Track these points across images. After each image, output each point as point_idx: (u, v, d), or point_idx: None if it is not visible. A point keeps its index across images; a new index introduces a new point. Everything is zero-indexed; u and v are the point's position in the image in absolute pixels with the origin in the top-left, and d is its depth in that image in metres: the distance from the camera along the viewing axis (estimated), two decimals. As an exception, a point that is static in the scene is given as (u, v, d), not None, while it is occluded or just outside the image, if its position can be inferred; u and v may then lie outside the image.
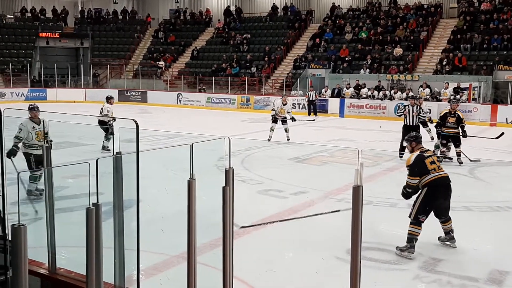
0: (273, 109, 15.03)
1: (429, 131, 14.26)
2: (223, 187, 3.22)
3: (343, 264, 5.23)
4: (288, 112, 14.81)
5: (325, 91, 24.23)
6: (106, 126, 12.43)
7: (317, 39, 28.55)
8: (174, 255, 5.74)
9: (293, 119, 14.76)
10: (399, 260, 5.75)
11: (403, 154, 11.72)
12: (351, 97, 23.42)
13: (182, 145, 2.97)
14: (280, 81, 27.07)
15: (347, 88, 23.77)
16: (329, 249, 5.96)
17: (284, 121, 14.65)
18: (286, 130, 14.54)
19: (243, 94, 26.63)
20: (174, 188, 7.60)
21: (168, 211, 7.00)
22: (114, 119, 12.06)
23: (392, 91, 22.59)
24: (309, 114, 23.21)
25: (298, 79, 25.95)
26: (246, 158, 11.69)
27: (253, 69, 28.64)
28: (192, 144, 3.00)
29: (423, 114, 12.58)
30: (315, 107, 23.33)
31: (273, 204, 8.10)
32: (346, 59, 26.18)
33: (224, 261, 3.25)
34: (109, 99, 13.05)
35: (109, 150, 11.70)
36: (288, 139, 14.40)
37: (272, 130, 14.51)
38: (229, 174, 3.22)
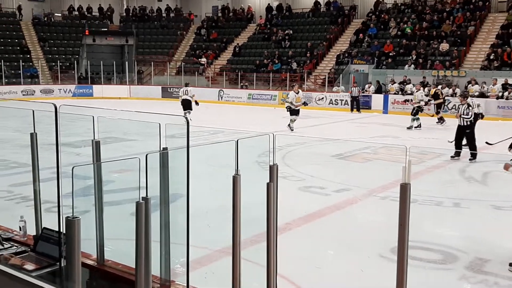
0: (287, 101, 16.59)
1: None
2: (267, 183, 3.22)
3: (388, 263, 5.16)
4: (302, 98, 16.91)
5: (369, 87, 23.88)
6: (189, 105, 18.25)
7: (361, 35, 28.19)
8: (217, 249, 5.80)
9: (305, 103, 16.98)
10: (445, 259, 5.63)
11: (457, 156, 11.21)
12: (395, 93, 23.01)
13: (228, 141, 3.00)
14: (322, 77, 26.87)
15: (392, 84, 23.38)
16: (372, 247, 5.89)
17: (297, 112, 16.36)
18: (293, 121, 16.25)
19: (284, 90, 26.58)
20: (217, 183, 7.67)
21: (210, 206, 7.07)
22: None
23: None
24: (351, 110, 22.96)
25: (341, 75, 25.71)
26: (287, 154, 11.67)
27: (294, 65, 28.49)
28: (237, 141, 3.02)
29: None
30: (358, 103, 23.03)
31: (315, 201, 8.07)
32: (390, 54, 25.74)
33: (268, 258, 3.25)
34: (188, 84, 19.49)
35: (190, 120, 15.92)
36: (292, 129, 16.09)
37: (293, 121, 16.22)
38: (273, 170, 3.23)
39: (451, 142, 11.88)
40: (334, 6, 32.17)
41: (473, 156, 11.21)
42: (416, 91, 18.11)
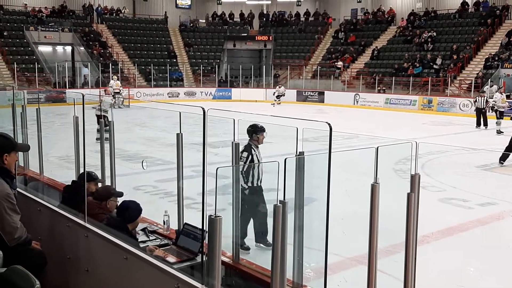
0: (494, 101, 17.22)
1: None
2: (408, 194, 3.06)
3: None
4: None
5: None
6: None
7: (513, 36, 26.00)
8: (349, 257, 5.69)
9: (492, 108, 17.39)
10: None
11: None
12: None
13: (367, 147, 2.91)
14: (468, 82, 25.21)
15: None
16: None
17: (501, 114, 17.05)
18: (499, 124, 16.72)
19: (425, 95, 25.39)
20: (352, 189, 7.54)
21: (345, 213, 6.95)
22: None
23: None
24: (478, 125, 18.34)
25: (489, 79, 23.88)
26: (427, 163, 11.12)
27: (438, 61, 26.89)
28: (377, 148, 2.91)
29: None
30: (486, 117, 18.20)
31: (456, 214, 7.60)
32: (547, 57, 23.37)
33: (406, 271, 3.09)
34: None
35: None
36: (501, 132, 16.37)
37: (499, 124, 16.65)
38: (415, 180, 3.06)
39: None
40: (483, 6, 30.02)
41: None
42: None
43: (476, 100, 18.55)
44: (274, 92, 28.17)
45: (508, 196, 8.63)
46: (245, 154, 5.69)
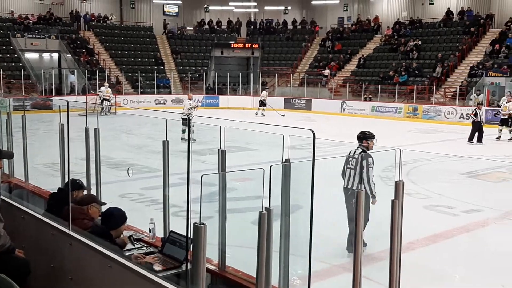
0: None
1: None
2: (392, 201, 3.09)
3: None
4: None
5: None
6: None
7: (497, 45, 26.34)
8: (335, 264, 5.70)
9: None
10: None
11: None
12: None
13: (354, 156, 2.92)
14: (453, 90, 25.49)
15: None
16: (505, 275, 5.40)
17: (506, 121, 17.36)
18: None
19: (410, 103, 25.62)
20: (337, 196, 7.55)
21: (330, 219, 6.96)
22: None
23: None
24: (471, 139, 16.34)
25: (474, 87, 24.17)
26: (412, 170, 11.19)
27: (438, 69, 27.18)
28: (362, 155, 2.93)
29: None
30: (482, 132, 16.35)
31: (441, 221, 7.64)
32: (531, 66, 23.70)
33: (391, 278, 3.11)
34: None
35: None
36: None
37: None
38: (399, 187, 3.08)
39: None
40: (468, 15, 30.42)
41: None
42: (506, 102, 17.91)
43: (476, 113, 16.20)
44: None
45: (492, 203, 8.71)
46: (370, 159, 5.54)
